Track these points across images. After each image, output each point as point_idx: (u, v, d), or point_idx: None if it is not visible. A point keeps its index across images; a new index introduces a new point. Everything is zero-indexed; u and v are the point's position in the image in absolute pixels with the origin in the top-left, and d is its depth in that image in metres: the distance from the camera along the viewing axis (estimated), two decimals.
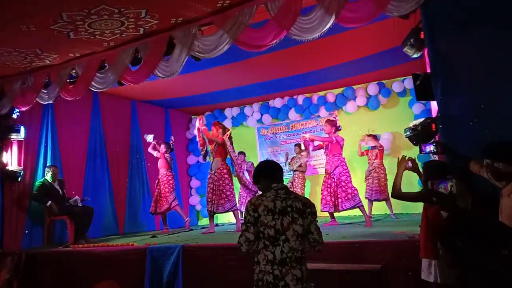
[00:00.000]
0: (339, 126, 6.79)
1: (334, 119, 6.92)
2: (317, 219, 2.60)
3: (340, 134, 8.86)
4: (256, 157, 9.80)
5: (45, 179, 6.54)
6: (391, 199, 6.46)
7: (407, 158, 3.34)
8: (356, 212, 6.81)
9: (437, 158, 4.09)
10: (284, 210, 2.48)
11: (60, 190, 6.56)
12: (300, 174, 8.03)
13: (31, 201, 6.60)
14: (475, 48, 3.42)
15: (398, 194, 3.23)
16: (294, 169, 8.07)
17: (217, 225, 8.62)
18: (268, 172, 2.70)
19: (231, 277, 4.35)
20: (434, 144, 3.50)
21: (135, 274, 4.99)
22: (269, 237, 2.45)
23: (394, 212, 7.41)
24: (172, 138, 8.30)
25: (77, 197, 6.67)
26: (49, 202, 6.32)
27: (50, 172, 6.54)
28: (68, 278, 5.43)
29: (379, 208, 8.18)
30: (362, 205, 6.24)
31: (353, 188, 6.28)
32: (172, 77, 5.03)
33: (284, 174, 2.90)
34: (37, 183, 6.57)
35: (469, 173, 3.02)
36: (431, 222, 3.10)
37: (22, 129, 6.59)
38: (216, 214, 8.02)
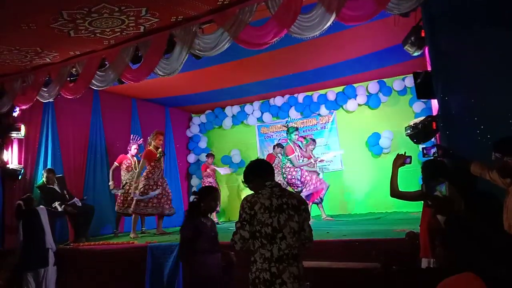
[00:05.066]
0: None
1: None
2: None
3: (341, 132, 8.97)
4: (257, 155, 9.75)
5: (43, 181, 6.44)
6: None
7: (404, 154, 3.27)
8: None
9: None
10: (280, 208, 2.48)
11: (59, 191, 6.51)
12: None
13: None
14: (476, 46, 3.42)
15: (397, 194, 3.19)
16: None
17: (217, 223, 8.63)
18: (260, 171, 2.70)
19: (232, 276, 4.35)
20: (435, 147, 3.48)
21: (136, 272, 5.00)
22: (266, 235, 2.44)
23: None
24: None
25: (75, 199, 6.49)
26: (55, 204, 6.16)
27: (45, 176, 6.39)
28: (69, 277, 5.44)
29: (379, 206, 8.16)
30: None
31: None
32: (172, 75, 5.03)
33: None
34: (36, 186, 6.50)
35: (468, 175, 2.99)
36: (429, 222, 3.09)
37: (23, 127, 6.57)
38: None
